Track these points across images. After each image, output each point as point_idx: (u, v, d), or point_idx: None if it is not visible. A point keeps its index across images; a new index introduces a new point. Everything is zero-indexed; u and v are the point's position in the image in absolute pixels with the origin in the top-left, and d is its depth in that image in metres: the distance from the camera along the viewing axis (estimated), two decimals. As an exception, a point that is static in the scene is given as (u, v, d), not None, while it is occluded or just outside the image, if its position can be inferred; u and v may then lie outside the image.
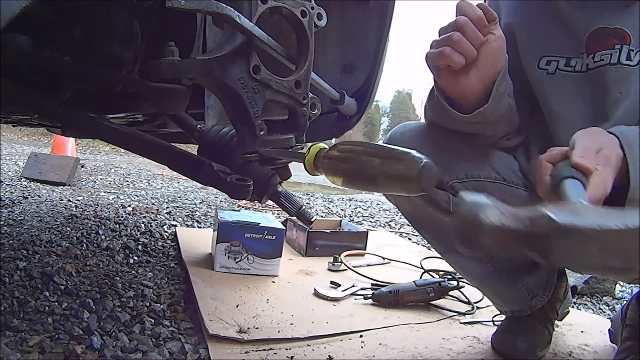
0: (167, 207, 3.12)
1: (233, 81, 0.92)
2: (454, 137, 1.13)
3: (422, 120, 1.25)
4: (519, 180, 1.17)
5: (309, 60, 1.02)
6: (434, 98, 1.08)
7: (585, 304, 1.84)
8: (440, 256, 1.32)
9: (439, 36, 0.95)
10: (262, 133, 0.98)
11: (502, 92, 1.02)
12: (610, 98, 1.06)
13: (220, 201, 3.67)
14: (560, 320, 1.44)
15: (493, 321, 1.45)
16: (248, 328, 1.26)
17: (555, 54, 1.12)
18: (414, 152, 0.78)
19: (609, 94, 1.06)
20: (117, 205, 3.02)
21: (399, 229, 3.21)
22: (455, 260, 1.26)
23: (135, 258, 1.84)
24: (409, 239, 2.89)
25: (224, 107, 1.03)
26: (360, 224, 3.22)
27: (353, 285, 1.67)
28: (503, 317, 1.36)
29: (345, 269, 1.88)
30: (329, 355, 1.17)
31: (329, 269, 1.90)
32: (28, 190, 3.35)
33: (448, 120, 1.08)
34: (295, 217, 1.30)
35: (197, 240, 2.12)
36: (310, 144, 0.95)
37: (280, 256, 1.75)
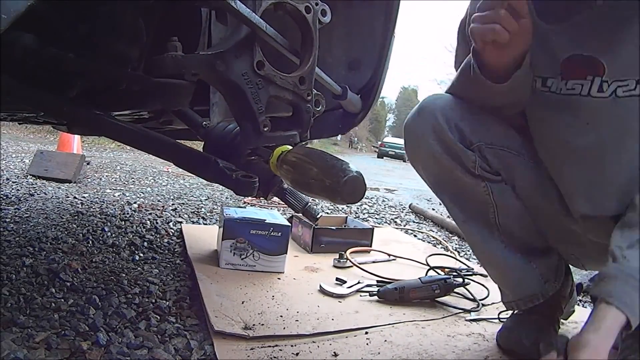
0: (173, 204, 3.13)
1: (237, 76, 0.92)
2: (481, 109, 1.22)
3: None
4: (537, 159, 1.22)
5: (313, 57, 1.02)
6: (472, 72, 1.13)
7: (591, 302, 1.83)
8: (457, 224, 1.31)
9: (479, 11, 1.02)
10: (265, 129, 0.97)
11: (528, 62, 1.08)
12: (577, 127, 1.10)
13: (226, 198, 3.67)
14: (566, 318, 1.44)
15: (499, 318, 1.44)
16: (253, 324, 1.26)
17: (534, 74, 1.16)
18: (344, 165, 0.80)
19: (576, 123, 1.10)
20: (122, 202, 3.03)
21: (404, 226, 3.21)
22: (472, 231, 1.26)
23: (141, 255, 1.85)
24: (415, 235, 2.89)
25: (227, 103, 1.03)
26: (366, 221, 3.22)
27: (358, 282, 1.67)
28: (509, 313, 1.36)
29: (351, 266, 1.88)
30: (334, 352, 1.17)
31: (335, 266, 1.90)
32: (34, 187, 3.36)
33: (481, 90, 1.15)
34: (300, 214, 1.30)
35: (203, 236, 2.12)
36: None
37: (286, 253, 1.76)
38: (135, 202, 3.06)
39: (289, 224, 1.80)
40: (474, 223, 1.24)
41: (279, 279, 1.68)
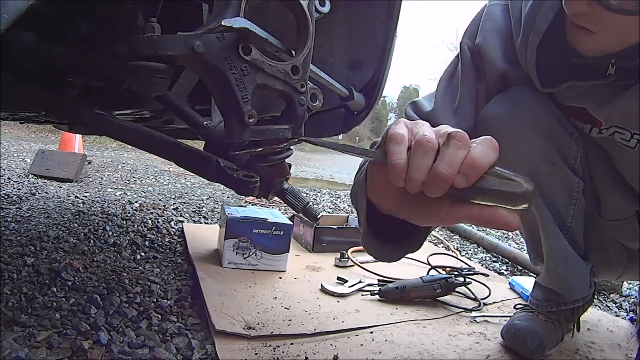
0: (174, 203, 3.13)
1: (219, 60, 0.84)
2: None
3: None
4: None
5: (307, 45, 0.95)
6: None
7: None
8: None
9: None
10: (251, 120, 0.89)
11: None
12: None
13: (227, 197, 3.67)
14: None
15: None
16: (255, 324, 1.26)
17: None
18: None
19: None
20: (124, 202, 3.03)
21: (405, 225, 3.20)
22: (554, 233, 1.18)
23: (143, 254, 1.85)
24: (416, 235, 2.88)
25: (210, 92, 0.95)
26: (367, 220, 3.21)
27: (360, 281, 1.67)
28: (511, 312, 1.36)
29: (352, 265, 1.88)
30: (336, 352, 1.17)
31: (336, 265, 1.90)
32: (35, 186, 3.36)
33: None
34: (301, 214, 1.30)
35: (204, 236, 2.12)
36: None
37: (288, 251, 1.76)
38: (136, 202, 3.06)
39: (291, 223, 1.80)
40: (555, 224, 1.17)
41: (280, 278, 1.68)
